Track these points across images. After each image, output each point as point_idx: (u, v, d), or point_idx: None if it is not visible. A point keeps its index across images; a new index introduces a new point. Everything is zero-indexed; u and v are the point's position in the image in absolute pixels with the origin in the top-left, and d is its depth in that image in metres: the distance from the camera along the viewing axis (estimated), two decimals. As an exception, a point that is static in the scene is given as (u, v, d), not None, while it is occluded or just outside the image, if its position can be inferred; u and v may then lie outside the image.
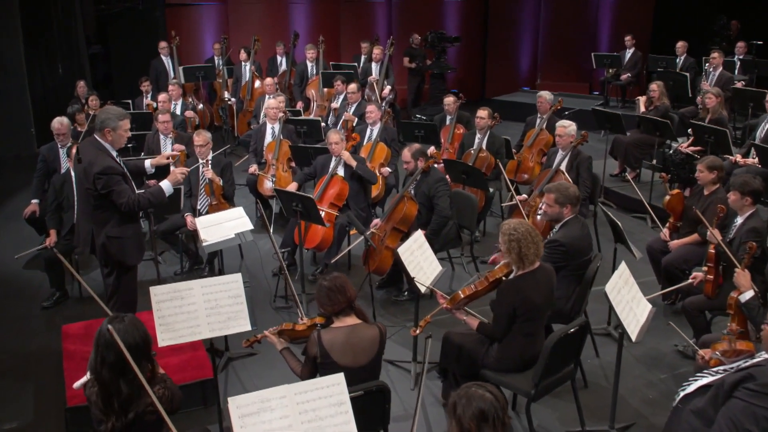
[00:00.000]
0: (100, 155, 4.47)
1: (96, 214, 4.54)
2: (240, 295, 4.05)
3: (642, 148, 8.45)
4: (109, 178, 4.41)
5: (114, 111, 4.55)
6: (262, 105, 9.85)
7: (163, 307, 3.92)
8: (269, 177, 7.73)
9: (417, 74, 12.86)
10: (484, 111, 7.83)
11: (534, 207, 6.04)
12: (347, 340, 3.59)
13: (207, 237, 4.89)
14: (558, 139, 6.81)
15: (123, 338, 3.00)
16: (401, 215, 6.01)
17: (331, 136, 6.79)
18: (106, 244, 4.55)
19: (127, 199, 4.45)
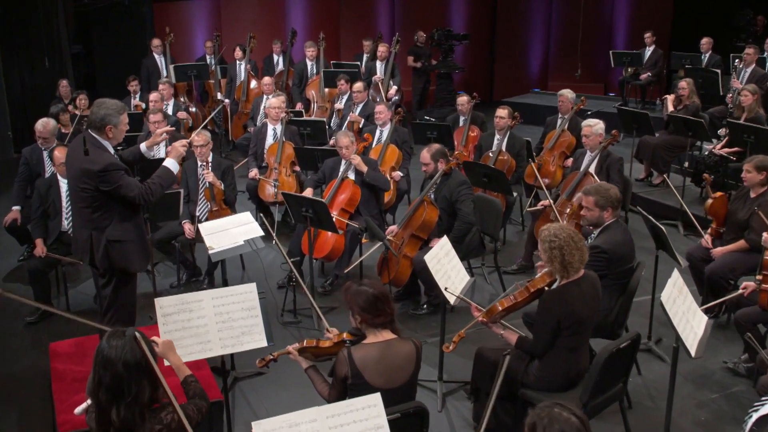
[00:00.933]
0: (98, 152, 4.30)
1: (94, 217, 4.36)
2: (255, 307, 3.90)
3: (671, 150, 8.31)
4: (113, 175, 4.25)
5: (113, 105, 4.37)
6: (260, 106, 9.72)
7: (170, 320, 3.74)
8: (271, 182, 7.57)
9: (422, 74, 12.75)
10: (504, 110, 7.69)
11: (573, 211, 5.85)
12: (381, 358, 3.39)
13: (213, 244, 4.70)
14: (585, 140, 6.66)
15: (123, 357, 2.78)
16: (420, 221, 5.84)
17: (341, 140, 6.62)
18: (107, 249, 4.38)
19: (138, 191, 4.30)
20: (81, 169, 4.28)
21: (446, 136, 8.29)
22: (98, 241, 4.39)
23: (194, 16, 13.01)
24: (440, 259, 4.74)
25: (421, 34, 12.75)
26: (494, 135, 7.85)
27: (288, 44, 11.78)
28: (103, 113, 4.32)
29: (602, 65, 14.29)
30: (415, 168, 8.89)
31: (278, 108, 7.98)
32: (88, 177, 4.27)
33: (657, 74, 11.68)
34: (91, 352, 5.22)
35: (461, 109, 8.79)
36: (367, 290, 3.42)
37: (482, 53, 15.19)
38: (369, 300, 3.40)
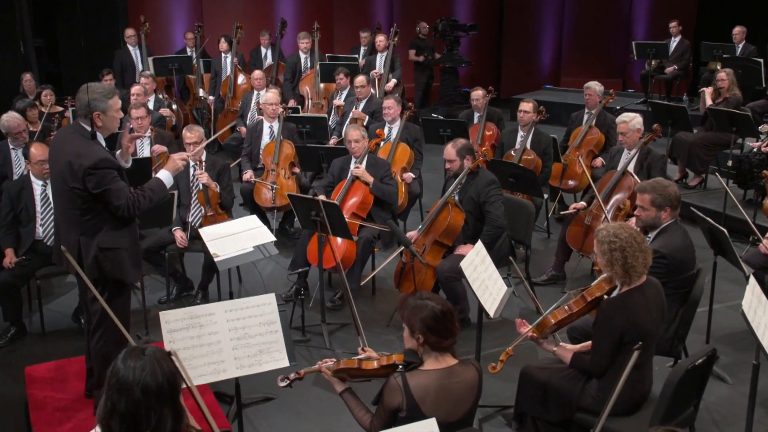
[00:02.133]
0: (89, 145, 4.10)
1: (84, 221, 4.17)
2: (274, 322, 3.72)
3: (709, 148, 8.19)
4: (104, 174, 4.06)
5: (100, 88, 4.19)
6: (250, 103, 9.56)
7: (177, 337, 3.55)
8: (269, 185, 7.38)
9: (425, 69, 12.64)
10: (529, 103, 7.57)
11: (627, 211, 5.69)
12: (442, 388, 3.16)
13: (218, 251, 4.50)
14: (621, 137, 6.52)
15: (142, 380, 2.54)
16: (444, 226, 5.66)
17: (351, 133, 6.47)
18: (99, 257, 4.18)
19: (126, 201, 4.11)
20: (68, 163, 4.07)
21: (461, 133, 8.11)
22: (88, 247, 4.19)
23: (172, 5, 12.83)
24: (476, 266, 4.56)
25: (423, 25, 12.64)
26: (517, 131, 7.72)
27: (277, 36, 11.64)
28: (89, 98, 4.12)
29: (620, 58, 14.25)
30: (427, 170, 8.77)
31: (275, 104, 7.81)
32: (74, 173, 4.06)
33: (683, 67, 11.61)
34: (73, 377, 5.13)
35: (476, 104, 8.68)
36: (430, 305, 3.21)
37: (488, 46, 15.12)
38: (435, 317, 3.18)
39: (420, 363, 3.23)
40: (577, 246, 6.40)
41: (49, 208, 5.84)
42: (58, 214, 4.31)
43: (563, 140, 8.26)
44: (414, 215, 8.09)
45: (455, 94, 12.76)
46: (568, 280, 6.57)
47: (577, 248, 6.41)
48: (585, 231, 6.33)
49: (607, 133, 8.01)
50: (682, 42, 11.60)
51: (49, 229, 5.81)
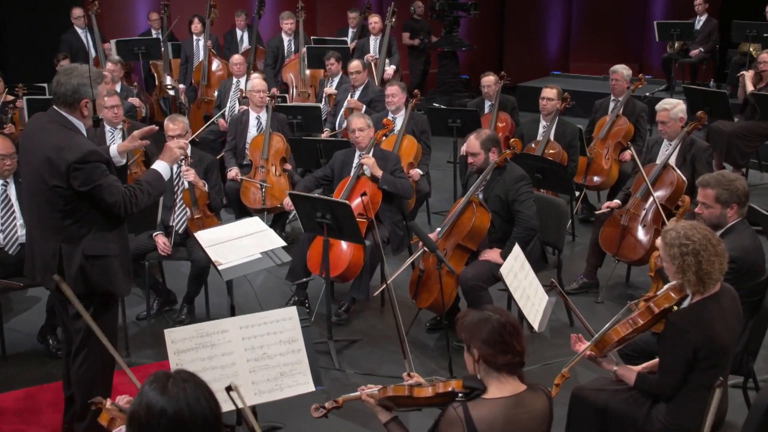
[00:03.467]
0: (71, 136, 3.95)
1: (66, 225, 4.00)
2: (296, 339, 3.60)
3: (750, 139, 8.16)
4: (93, 169, 3.90)
5: (84, 71, 4.05)
6: (229, 92, 9.41)
7: (185, 359, 3.41)
8: (258, 183, 7.22)
9: (420, 54, 12.55)
10: (552, 90, 7.49)
11: (686, 209, 5.56)
12: (510, 419, 2.99)
13: (221, 258, 4.32)
14: (662, 126, 6.43)
15: (201, 411, 2.34)
16: (468, 228, 5.53)
17: (355, 121, 6.37)
18: (84, 267, 4.03)
19: (121, 197, 3.97)
20: (47, 159, 3.88)
21: (473, 124, 8.03)
22: (71, 256, 4.03)
23: (134, -17, 12.61)
24: (516, 273, 4.45)
25: (419, 5, 12.56)
26: (538, 121, 7.64)
27: (254, 16, 11.46)
28: (75, 83, 3.98)
29: (636, 41, 14.24)
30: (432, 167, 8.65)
31: (263, 91, 7.67)
32: (55, 170, 3.88)
33: (710, 50, 11.60)
34: (47, 407, 4.94)
35: (487, 91, 8.61)
36: (489, 315, 3.06)
37: (489, 29, 15.05)
38: (495, 331, 3.02)
39: (483, 390, 3.06)
40: (612, 249, 6.30)
41: (11, 212, 5.64)
42: (33, 219, 4.13)
43: (586, 131, 8.16)
44: (421, 216, 7.97)
45: (455, 82, 12.68)
46: (602, 289, 6.47)
47: (612, 252, 6.31)
48: (621, 233, 6.24)
49: (636, 123, 7.94)
50: (709, 21, 11.57)
51: (11, 236, 5.60)
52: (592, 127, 8.18)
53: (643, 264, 6.29)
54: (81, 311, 3.77)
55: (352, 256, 5.96)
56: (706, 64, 11.71)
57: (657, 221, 6.14)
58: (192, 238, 6.05)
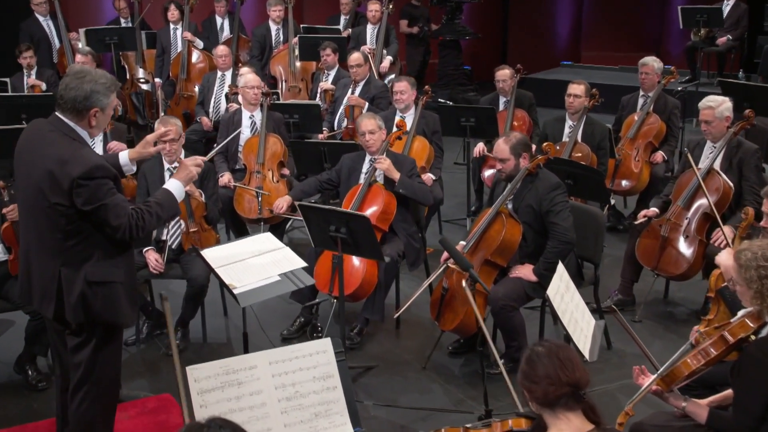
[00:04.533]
0: (76, 148, 3.88)
1: (68, 247, 3.93)
2: (332, 375, 3.57)
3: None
4: (99, 186, 3.83)
5: (102, 78, 3.98)
6: (212, 88, 9.37)
7: (210, 400, 3.38)
8: (254, 191, 7.18)
9: (420, 43, 12.51)
10: (579, 86, 7.49)
11: (749, 221, 5.54)
12: None
13: (235, 281, 4.26)
14: (705, 127, 6.41)
15: None
16: (498, 242, 5.50)
17: (365, 123, 6.32)
18: (86, 294, 3.95)
19: (127, 219, 3.89)
20: (48, 172, 3.81)
21: (487, 123, 8.01)
22: (71, 282, 3.95)
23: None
24: (563, 295, 4.40)
25: (418, -11, 12.52)
26: (564, 120, 7.65)
27: (236, 1, 11.35)
28: (88, 89, 3.90)
29: (654, 28, 14.28)
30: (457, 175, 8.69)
31: (257, 87, 7.63)
32: (57, 185, 3.81)
33: (738, 37, 11.64)
34: None
35: (502, 86, 8.59)
36: (534, 349, 3.05)
37: (492, 16, 15.07)
38: (538, 363, 3.00)
39: (542, 428, 3.02)
40: (651, 263, 6.28)
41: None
42: (30, 238, 4.05)
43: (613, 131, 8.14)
44: (432, 226, 7.92)
45: (457, 74, 12.67)
46: (640, 306, 6.45)
47: (651, 266, 6.30)
48: (661, 244, 6.22)
49: (668, 121, 7.96)
50: (738, 5, 11.62)
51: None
52: (619, 126, 8.19)
53: (686, 279, 6.32)
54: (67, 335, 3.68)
55: (365, 272, 5.91)
56: (734, 52, 11.74)
57: (701, 232, 6.13)
58: (187, 254, 6.01)
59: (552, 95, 11.77)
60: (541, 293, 5.58)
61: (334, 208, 5.51)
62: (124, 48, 10.55)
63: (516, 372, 5.51)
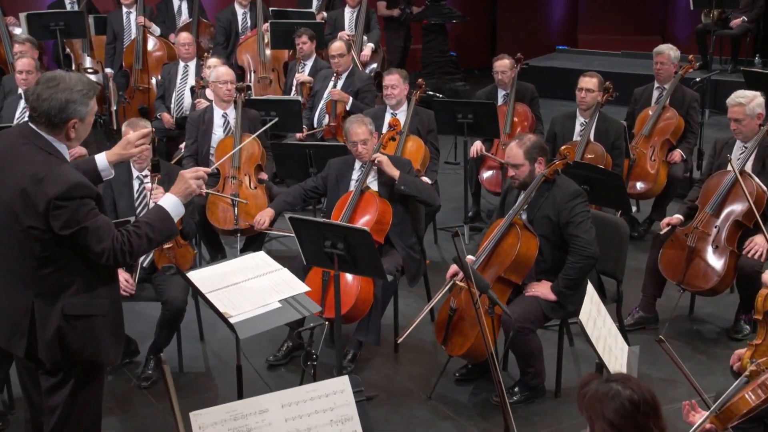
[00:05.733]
0: (53, 164, 3.83)
1: (43, 276, 3.88)
2: (351, 417, 3.56)
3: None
4: (79, 207, 3.78)
5: (77, 83, 3.91)
6: (174, 80, 9.34)
7: None
8: (229, 199, 7.13)
9: (400, 27, 12.48)
10: (592, 79, 7.54)
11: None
12: None
13: (230, 309, 4.22)
14: (735, 125, 6.46)
15: None
16: (512, 257, 5.50)
17: (355, 130, 6.28)
18: (64, 330, 3.91)
19: (112, 243, 3.83)
20: (21, 192, 3.76)
21: (487, 120, 8.01)
22: (46, 315, 3.90)
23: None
24: (595, 320, 4.39)
25: (397, -34, 12.51)
26: (574, 117, 7.69)
27: (195, -19, 11.33)
28: (63, 99, 3.83)
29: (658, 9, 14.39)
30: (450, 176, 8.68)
31: (231, 83, 7.60)
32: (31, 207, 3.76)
33: (754, 19, 11.75)
34: None
35: (501, 78, 8.62)
36: (620, 393, 3.00)
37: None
38: (624, 411, 2.97)
39: None
40: (677, 277, 6.31)
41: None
42: None
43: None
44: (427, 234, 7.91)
45: (443, 61, 12.68)
46: (664, 324, 6.49)
47: (676, 280, 6.33)
48: (688, 256, 6.25)
49: (687, 116, 8.01)
50: (754, -17, 11.73)
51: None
52: (632, 122, 8.24)
53: (716, 294, 6.36)
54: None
55: (359, 290, 5.89)
56: (749, 35, 11.84)
57: (732, 242, 6.18)
58: (160, 274, 5.96)
59: (549, 84, 11.88)
60: (560, 313, 5.64)
61: (329, 222, 5.51)
62: (72, 35, 10.46)
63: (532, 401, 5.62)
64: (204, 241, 7.46)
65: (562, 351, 5.82)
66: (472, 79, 13.35)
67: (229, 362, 6.21)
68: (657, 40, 13.88)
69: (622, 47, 13.99)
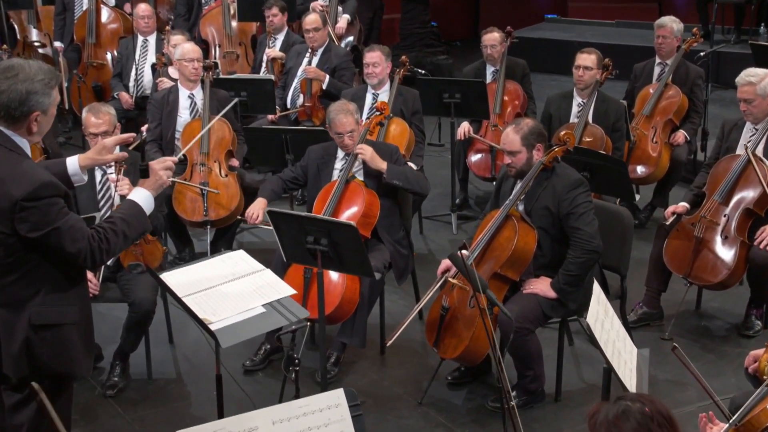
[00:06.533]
0: (18, 162, 3.84)
1: (7, 285, 3.91)
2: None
3: None
4: (48, 207, 3.80)
5: (37, 72, 3.90)
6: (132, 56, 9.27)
7: None
8: (198, 188, 7.13)
9: (371, -3, 12.48)
10: (590, 55, 7.59)
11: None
12: None
13: (210, 315, 4.23)
14: (745, 106, 6.52)
15: None
16: (509, 251, 5.55)
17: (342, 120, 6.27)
18: (32, 341, 3.93)
19: (87, 242, 3.86)
20: None
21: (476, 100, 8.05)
22: (12, 326, 3.93)
23: None
24: (603, 322, 4.45)
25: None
26: (571, 97, 7.74)
27: (152, -54, 11.29)
28: (23, 90, 3.83)
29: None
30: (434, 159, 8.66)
31: (198, 60, 7.61)
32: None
33: (763, -15, 11.83)
34: None
35: (490, 53, 8.66)
36: (630, 408, 3.05)
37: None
38: (639, 427, 3.02)
39: None
40: (683, 269, 6.37)
41: None
42: None
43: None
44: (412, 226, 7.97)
45: (425, 32, 12.70)
46: (669, 322, 6.55)
47: (682, 273, 6.38)
48: (695, 247, 6.31)
49: (690, 93, 8.08)
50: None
51: None
52: (632, 101, 8.30)
53: (725, 288, 6.42)
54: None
55: (345, 288, 5.93)
56: (754, 3, 11.91)
57: (743, 231, 6.24)
58: (126, 272, 5.95)
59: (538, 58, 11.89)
60: (561, 312, 5.69)
61: (312, 216, 5.52)
62: (17, 5, 10.43)
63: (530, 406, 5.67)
64: (170, 233, 7.47)
65: (562, 352, 5.87)
66: (454, 52, 13.37)
67: (201, 367, 6.27)
68: (654, 8, 14.10)
69: (616, 16, 14.05)
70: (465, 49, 13.56)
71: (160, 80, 8.53)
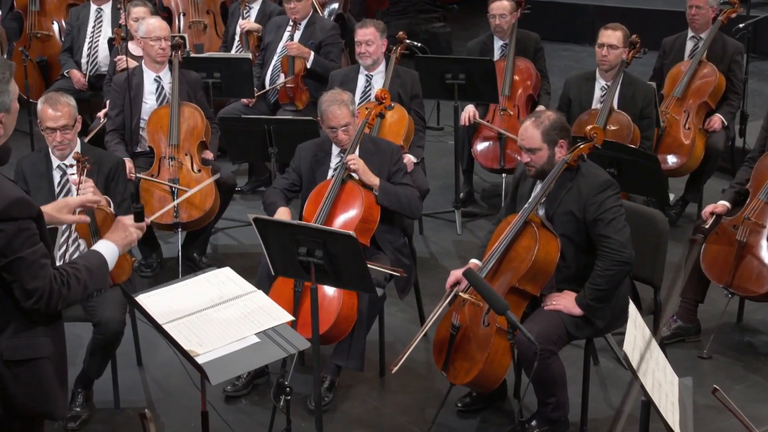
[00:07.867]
0: None
1: None
2: None
3: None
4: (18, 231, 3.84)
5: None
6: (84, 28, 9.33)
7: None
8: (167, 185, 7.17)
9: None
10: (615, 32, 7.59)
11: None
12: None
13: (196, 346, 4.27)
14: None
15: None
16: (528, 263, 5.59)
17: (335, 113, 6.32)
18: (5, 379, 3.98)
19: (49, 283, 3.90)
20: None
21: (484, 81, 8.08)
22: None
23: None
24: (641, 348, 4.52)
25: None
26: (594, 79, 7.78)
27: None
28: None
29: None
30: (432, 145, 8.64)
31: (165, 39, 7.61)
32: None
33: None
34: None
35: (499, 23, 8.64)
36: None
37: None
38: None
39: None
40: (724, 278, 6.43)
41: None
42: None
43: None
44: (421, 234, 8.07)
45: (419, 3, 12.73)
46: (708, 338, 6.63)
47: (723, 282, 6.44)
48: (737, 253, 6.36)
49: (728, 72, 8.12)
50: None
51: None
52: (661, 81, 8.33)
53: (773, 300, 6.48)
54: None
55: (341, 305, 5.97)
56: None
57: None
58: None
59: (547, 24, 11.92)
60: (587, 331, 5.72)
61: (304, 224, 5.56)
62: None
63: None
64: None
65: (588, 376, 5.92)
66: (451, 18, 13.38)
67: (175, 394, 6.31)
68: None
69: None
70: (463, 14, 13.59)
71: (119, 59, 8.50)
